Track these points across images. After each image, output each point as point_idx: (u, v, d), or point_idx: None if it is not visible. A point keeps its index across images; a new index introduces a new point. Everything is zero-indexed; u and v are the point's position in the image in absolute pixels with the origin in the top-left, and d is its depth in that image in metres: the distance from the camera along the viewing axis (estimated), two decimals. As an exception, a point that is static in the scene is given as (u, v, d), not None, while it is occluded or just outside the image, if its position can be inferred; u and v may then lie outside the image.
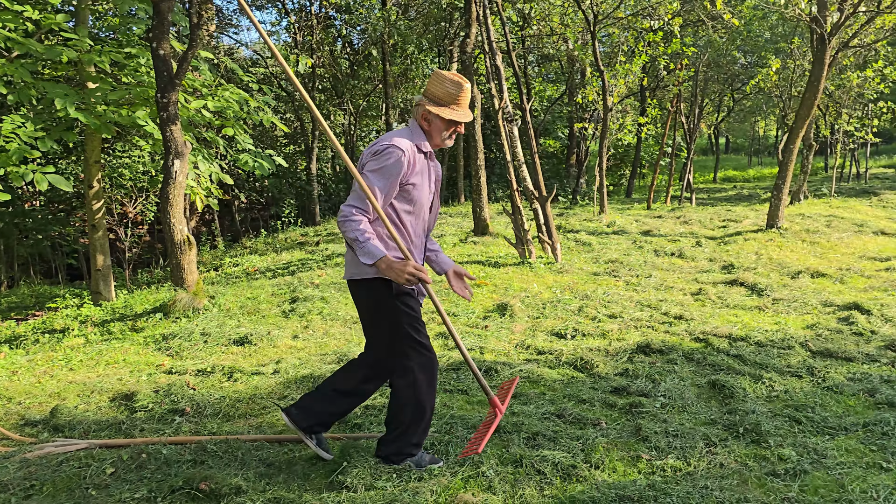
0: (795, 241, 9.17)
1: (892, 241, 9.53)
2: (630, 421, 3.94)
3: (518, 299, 6.57)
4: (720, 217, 11.52)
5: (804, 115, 9.19)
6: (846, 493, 3.16)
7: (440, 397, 4.29)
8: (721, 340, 5.36)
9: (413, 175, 3.05)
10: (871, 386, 4.43)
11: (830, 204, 13.30)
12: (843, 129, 15.01)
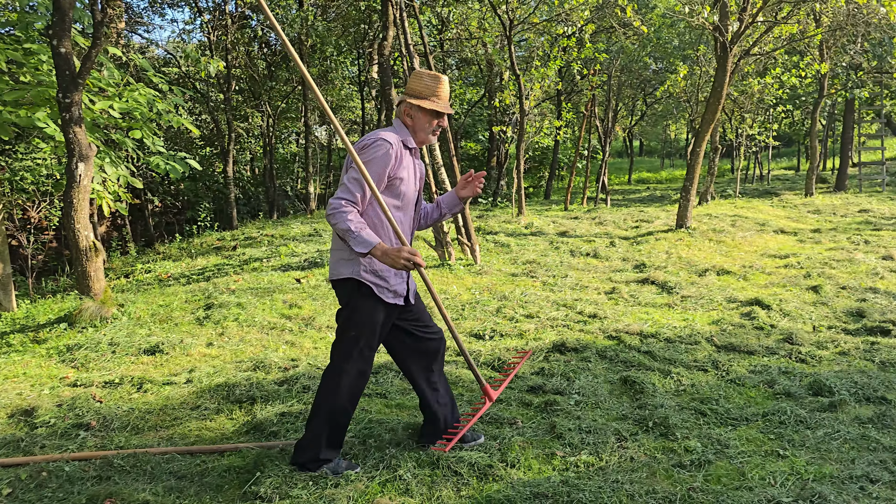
0: (703, 241, 9.58)
1: (791, 239, 10.07)
2: (545, 419, 4.03)
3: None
4: (633, 218, 11.91)
5: (709, 119, 9.61)
6: (746, 480, 3.32)
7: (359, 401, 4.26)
8: (633, 338, 5.54)
9: (400, 169, 3.14)
10: (771, 377, 4.67)
11: (735, 204, 13.94)
12: (746, 132, 15.78)
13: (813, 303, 6.59)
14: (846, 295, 6.82)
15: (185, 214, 20.36)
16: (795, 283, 7.33)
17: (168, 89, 7.66)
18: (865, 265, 8.05)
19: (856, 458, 3.51)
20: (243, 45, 18.31)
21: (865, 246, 9.31)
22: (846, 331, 5.73)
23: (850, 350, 5.21)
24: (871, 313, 6.10)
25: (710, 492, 3.18)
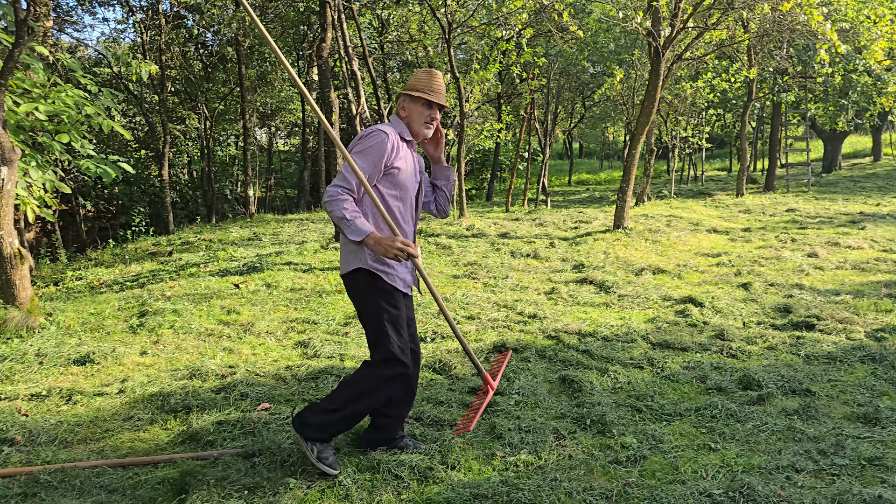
0: (639, 240, 9.80)
1: (723, 238, 10.40)
2: (485, 420, 4.05)
3: (379, 305, 6.58)
4: (573, 218, 12.10)
5: (644, 122, 9.85)
6: (680, 474, 3.41)
7: (299, 407, 4.21)
8: (571, 337, 5.63)
9: (398, 159, 3.23)
10: (703, 373, 4.81)
11: (671, 205, 14.31)
12: (680, 135, 16.23)
13: (743, 299, 6.82)
14: (774, 291, 7.08)
15: (120, 219, 19.77)
16: (727, 280, 7.57)
17: (98, 91, 7.42)
18: (792, 262, 8.37)
19: (782, 449, 3.65)
20: (178, 46, 17.88)
21: (792, 244, 9.69)
22: (774, 326, 5.95)
23: (777, 345, 5.41)
24: (797, 309, 6.35)
25: (645, 486, 3.26)
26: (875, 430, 3.83)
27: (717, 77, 13.57)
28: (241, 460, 3.44)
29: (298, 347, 5.53)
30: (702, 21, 11.18)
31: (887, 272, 7.90)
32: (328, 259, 8.61)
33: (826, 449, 3.61)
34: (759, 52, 15.34)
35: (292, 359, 5.25)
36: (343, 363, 5.11)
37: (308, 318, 6.25)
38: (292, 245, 9.96)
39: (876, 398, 4.31)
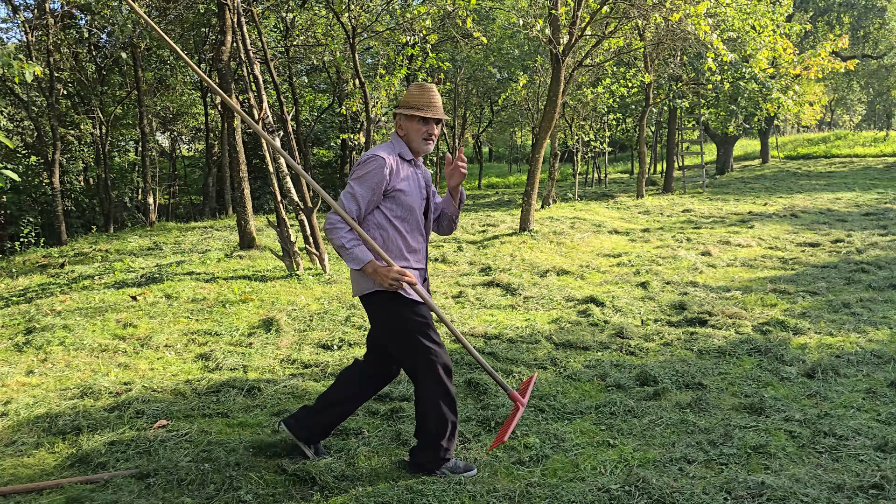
0: (545, 243, 10.03)
1: (624, 238, 10.78)
2: (391, 427, 4.04)
3: (285, 313, 6.46)
4: (481, 222, 12.26)
5: (546, 126, 10.10)
6: (580, 471, 3.51)
7: (198, 423, 4.08)
8: (477, 339, 5.69)
9: (399, 182, 3.22)
10: (603, 371, 4.96)
11: (575, 207, 14.72)
12: (582, 139, 16.71)
13: (642, 298, 7.08)
14: (670, 289, 7.39)
15: (7, 230, 18.61)
16: (626, 280, 7.84)
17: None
18: (687, 261, 8.77)
19: (676, 442, 3.81)
20: (68, 47, 17.00)
21: (687, 243, 10.15)
22: (670, 323, 6.21)
23: (672, 341, 5.65)
24: (690, 305, 6.65)
25: (547, 486, 3.33)
26: (760, 420, 4.05)
27: (616, 83, 14.06)
28: (134, 482, 3.30)
29: (199, 360, 5.36)
30: (600, 29, 11.57)
31: (773, 268, 8.39)
32: (232, 268, 8.38)
33: (716, 439, 3.79)
34: (655, 60, 16.00)
35: (193, 372, 5.08)
36: (246, 375, 4.98)
37: (210, 330, 6.07)
38: (195, 254, 9.65)
39: (761, 389, 4.56)
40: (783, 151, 35.76)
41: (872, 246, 9.60)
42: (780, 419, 4.04)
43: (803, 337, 5.62)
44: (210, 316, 6.51)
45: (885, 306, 6.48)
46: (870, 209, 13.87)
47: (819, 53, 16.03)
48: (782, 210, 13.92)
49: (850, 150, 33.60)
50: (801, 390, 4.53)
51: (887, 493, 3.17)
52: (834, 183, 21.19)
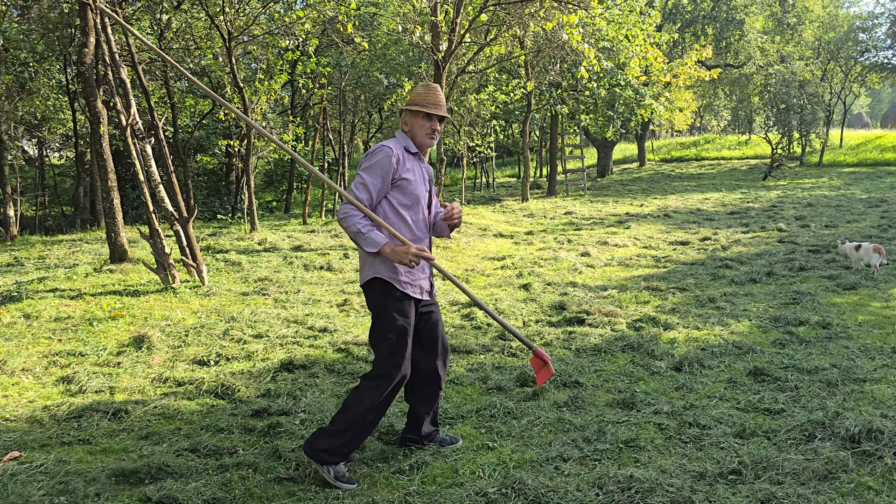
0: (433, 249, 10.06)
1: (508, 241, 11.00)
2: (268, 443, 3.91)
3: (158, 329, 6.15)
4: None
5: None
6: (459, 476, 3.51)
7: (56, 452, 3.79)
8: (361, 349, 5.62)
9: (405, 171, 3.40)
10: (485, 374, 5.01)
11: (463, 211, 14.89)
12: (467, 144, 16.95)
13: (524, 300, 7.23)
14: (551, 290, 7.59)
15: None
16: (510, 282, 7.99)
17: None
18: (567, 262, 9.05)
19: (552, 441, 3.89)
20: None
21: (568, 244, 10.48)
22: (550, 323, 6.36)
23: (552, 340, 5.79)
24: (569, 305, 6.85)
25: (426, 493, 3.31)
26: (632, 414, 4.21)
27: (498, 90, 14.35)
28: (-24, 522, 3.02)
29: (61, 384, 5.00)
30: (480, 37, 11.76)
31: (647, 267, 8.79)
32: (101, 283, 7.90)
33: (590, 436, 3.90)
34: (536, 67, 16.46)
35: (52, 397, 4.72)
36: (113, 397, 4.69)
37: (74, 350, 5.68)
38: (60, 269, 9.02)
39: (633, 384, 4.75)
40: (658, 155, 37.68)
41: (736, 243, 10.25)
42: (650, 412, 4.21)
43: (673, 332, 5.90)
44: (75, 335, 6.10)
45: (746, 300, 6.92)
46: (734, 208, 14.82)
47: (686, 62, 17.00)
48: (657, 210, 14.64)
49: (717, 153, 35.85)
50: (670, 383, 4.75)
51: (744, 477, 3.36)
52: (703, 184, 22.52)
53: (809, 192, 18.33)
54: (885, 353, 5.18)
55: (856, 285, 7.30)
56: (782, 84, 23.48)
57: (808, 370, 4.83)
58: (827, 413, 3.94)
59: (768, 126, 25.23)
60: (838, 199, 15.97)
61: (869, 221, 12.20)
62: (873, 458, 3.44)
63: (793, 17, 25.12)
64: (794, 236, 10.70)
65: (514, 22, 10.26)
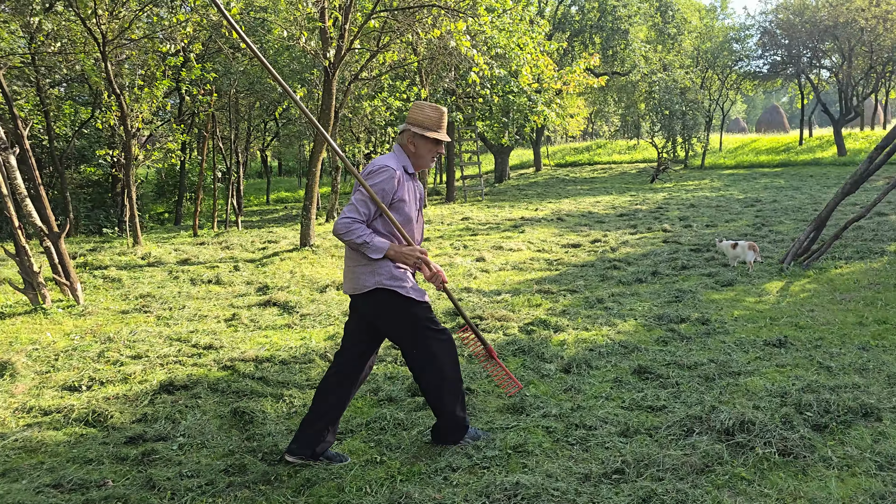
0: (326, 257, 9.88)
1: (405, 249, 10.92)
2: (142, 472, 3.67)
3: (24, 354, 5.69)
4: (262, 238, 11.82)
5: (321, 140, 9.96)
6: (345, 494, 3.40)
7: None
8: (248, 365, 5.40)
9: (402, 192, 3.52)
10: (376, 385, 4.91)
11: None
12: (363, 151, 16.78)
13: (419, 307, 7.17)
14: (445, 297, 7.57)
15: None
16: (405, 290, 7.92)
17: None
18: (463, 267, 9.08)
19: (442, 451, 3.84)
20: None
21: (464, 250, 10.53)
22: (444, 330, 6.32)
23: (445, 348, 5.75)
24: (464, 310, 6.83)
25: (309, 514, 3.18)
26: (521, 419, 4.22)
27: (392, 96, 14.29)
28: None
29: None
30: (372, 43, 11.67)
31: (539, 270, 8.94)
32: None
33: (479, 444, 3.88)
34: (430, 74, 16.51)
35: None
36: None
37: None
38: (-84, 292, 8.24)
39: (523, 388, 4.77)
40: (553, 160, 38.72)
41: (624, 244, 10.61)
42: (538, 416, 4.23)
43: (562, 334, 6.00)
44: None
45: (632, 299, 7.14)
46: (624, 210, 15.37)
47: (575, 70, 17.53)
48: (551, 214, 14.99)
49: (609, 157, 37.22)
50: (559, 385, 4.80)
51: (627, 476, 3.42)
52: (596, 187, 23.29)
53: (692, 193, 19.27)
54: (758, 346, 5.45)
55: (732, 282, 7.68)
56: (665, 91, 24.62)
57: (689, 366, 5.01)
58: (704, 407, 4.08)
59: (654, 131, 26.40)
60: (718, 200, 16.86)
61: (745, 220, 12.93)
62: (746, 450, 3.59)
63: (673, 28, 26.41)
64: (677, 236, 11.18)
65: (403, 28, 10.23)
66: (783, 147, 33.25)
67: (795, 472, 3.40)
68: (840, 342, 5.45)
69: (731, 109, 61.12)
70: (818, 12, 28.87)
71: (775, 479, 3.33)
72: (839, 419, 3.89)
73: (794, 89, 37.36)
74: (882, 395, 4.29)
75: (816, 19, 28.57)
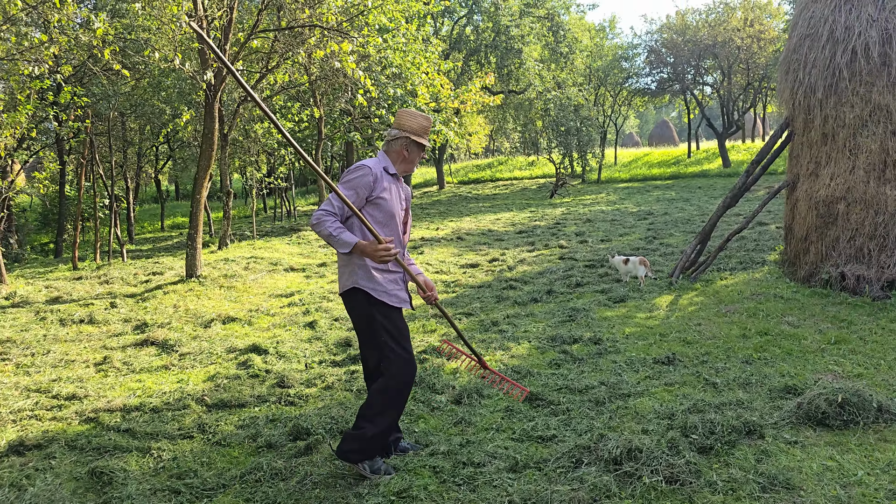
0: (214, 288, 9.37)
1: (300, 276, 10.55)
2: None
3: None
4: (147, 270, 11.14)
5: (205, 165, 9.48)
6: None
7: None
8: (114, 416, 4.94)
9: (382, 191, 3.66)
10: (256, 430, 4.57)
11: (254, 245, 14.19)
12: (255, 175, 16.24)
13: (308, 339, 6.85)
14: (338, 326, 7.28)
15: None
16: (295, 321, 7.58)
17: None
18: (358, 294, 8.79)
19: (324, 499, 3.57)
20: None
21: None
22: (334, 363, 6.04)
23: (333, 383, 5.47)
24: (355, 342, 6.56)
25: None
26: (408, 458, 3.98)
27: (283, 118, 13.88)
28: None
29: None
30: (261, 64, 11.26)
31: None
32: None
33: (362, 491, 3.63)
34: (325, 95, 16.19)
35: None
36: None
37: None
38: None
39: (413, 423, 4.55)
40: (457, 177, 38.99)
41: (521, 262, 10.61)
42: (426, 454, 4.02)
43: (455, 361, 5.82)
44: None
45: (527, 320, 7.07)
46: (523, 227, 15.50)
47: (471, 89, 17.64)
48: (451, 234, 14.92)
49: (510, 173, 37.82)
50: (449, 418, 4.61)
51: (514, 516, 3.25)
52: (497, 204, 23.49)
53: (590, 207, 19.71)
54: (648, 364, 5.45)
55: (624, 298, 7.76)
56: (560, 108, 25.19)
57: (580, 389, 4.93)
58: (593, 435, 3.98)
59: (551, 147, 26.94)
60: (613, 214, 17.28)
61: (638, 234, 13.25)
62: (633, 479, 3.49)
63: (565, 47, 27.09)
64: (573, 252, 11.29)
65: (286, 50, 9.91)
66: (673, 160, 34.73)
67: (682, 501, 3.33)
68: (725, 356, 5.53)
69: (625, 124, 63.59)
70: (698, 32, 30.38)
71: (662, 510, 3.24)
72: (724, 440, 3.87)
73: (681, 105, 39.16)
74: (764, 411, 4.33)
75: (697, 38, 30.04)
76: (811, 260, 7.65)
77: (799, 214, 7.89)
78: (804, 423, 4.10)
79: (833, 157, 7.46)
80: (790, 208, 8.18)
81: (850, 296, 6.97)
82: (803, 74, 7.65)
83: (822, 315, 6.51)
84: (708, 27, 30.33)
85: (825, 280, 7.32)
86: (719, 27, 29.79)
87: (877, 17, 7.10)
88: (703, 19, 31.21)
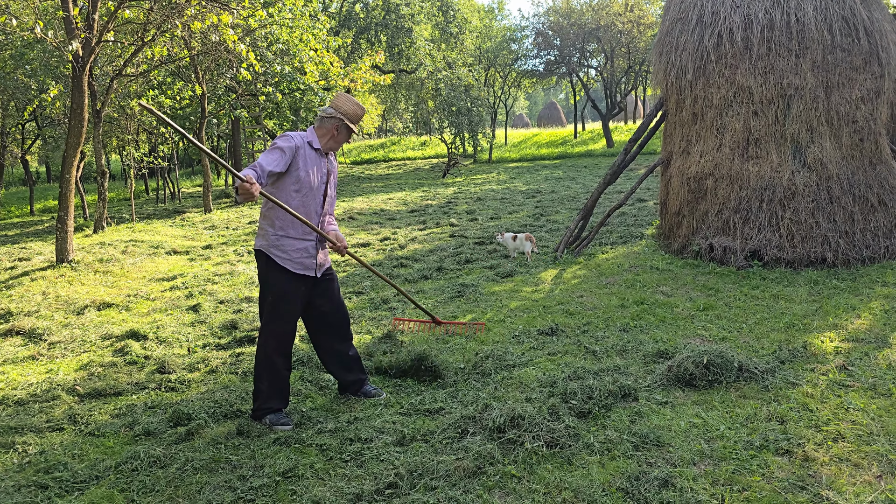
0: (88, 274, 8.85)
1: (182, 258, 10.13)
2: None
3: None
4: (11, 256, 10.37)
5: (74, 143, 8.89)
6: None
7: None
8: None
9: (301, 160, 3.97)
10: (134, 418, 4.38)
11: (134, 228, 13.50)
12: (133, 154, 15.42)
13: (192, 323, 6.61)
14: (223, 309, 7.06)
15: None
16: (177, 305, 7.29)
17: None
18: (245, 276, 8.56)
19: (204, 487, 3.47)
20: None
21: (248, 256, 9.97)
22: (218, 346, 5.86)
23: (218, 366, 5.31)
24: (241, 324, 6.39)
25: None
26: (295, 438, 3.93)
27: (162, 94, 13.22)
28: None
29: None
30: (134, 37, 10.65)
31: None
32: None
33: (246, 473, 3.55)
34: (208, 71, 15.54)
35: None
36: None
37: None
38: None
39: (300, 403, 4.49)
40: (350, 157, 38.57)
41: (413, 241, 10.65)
42: (313, 433, 3.98)
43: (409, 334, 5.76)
44: None
45: (417, 297, 7.11)
46: (415, 206, 15.53)
47: (361, 67, 17.44)
48: (342, 214, 14.75)
49: (403, 153, 37.78)
50: (337, 396, 4.58)
51: (401, 489, 3.27)
52: (390, 184, 23.43)
53: (481, 187, 20.00)
54: (532, 336, 5.61)
55: (512, 273, 7.94)
56: (451, 89, 25.33)
57: (466, 363, 5.02)
58: (479, 406, 4.06)
59: (443, 127, 27.08)
60: (503, 193, 17.62)
61: (526, 211, 13.58)
62: (516, 446, 3.59)
63: (455, 28, 27.22)
64: (463, 230, 11.44)
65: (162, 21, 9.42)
66: (561, 140, 35.76)
67: (561, 463, 3.46)
68: (605, 325, 5.78)
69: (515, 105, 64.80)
70: (583, 16, 31.30)
71: (543, 473, 3.36)
72: (601, 404, 4.05)
73: (568, 87, 40.30)
74: (639, 375, 4.56)
75: (582, 22, 30.95)
76: (683, 233, 8.09)
77: (672, 190, 8.31)
78: (674, 384, 4.35)
79: (702, 135, 7.90)
80: (664, 185, 8.60)
81: (717, 266, 7.44)
82: (675, 56, 8.03)
83: (692, 284, 6.91)
84: (592, 11, 31.28)
85: (696, 251, 7.77)
86: (602, 11, 30.78)
87: (740, 3, 7.54)
88: (587, 3, 32.17)
